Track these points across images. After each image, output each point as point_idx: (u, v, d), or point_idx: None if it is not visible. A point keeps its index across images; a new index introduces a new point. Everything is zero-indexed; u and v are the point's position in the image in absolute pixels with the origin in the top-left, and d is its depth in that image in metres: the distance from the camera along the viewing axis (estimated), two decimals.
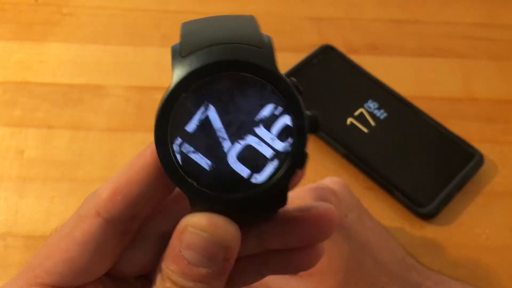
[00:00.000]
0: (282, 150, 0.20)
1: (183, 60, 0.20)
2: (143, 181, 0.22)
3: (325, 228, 0.24)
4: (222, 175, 0.20)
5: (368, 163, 0.45)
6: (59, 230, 0.22)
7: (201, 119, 0.20)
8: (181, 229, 0.21)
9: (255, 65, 0.20)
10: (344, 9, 0.56)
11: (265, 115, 0.20)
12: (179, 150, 0.20)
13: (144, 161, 0.22)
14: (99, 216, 0.22)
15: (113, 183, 0.22)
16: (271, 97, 0.20)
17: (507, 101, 0.50)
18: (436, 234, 0.42)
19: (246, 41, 0.20)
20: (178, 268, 0.21)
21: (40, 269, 0.21)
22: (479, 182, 0.45)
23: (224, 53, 0.20)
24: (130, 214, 0.22)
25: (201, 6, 0.55)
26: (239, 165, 0.20)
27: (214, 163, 0.20)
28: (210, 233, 0.20)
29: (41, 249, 0.22)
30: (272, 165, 0.20)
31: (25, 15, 0.54)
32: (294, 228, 0.23)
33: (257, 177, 0.20)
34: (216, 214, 0.20)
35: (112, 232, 0.22)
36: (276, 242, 0.24)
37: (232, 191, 0.20)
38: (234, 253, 0.21)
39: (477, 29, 0.55)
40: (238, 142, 0.20)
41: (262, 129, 0.20)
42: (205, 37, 0.20)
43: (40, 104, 0.48)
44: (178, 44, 0.21)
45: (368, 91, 0.49)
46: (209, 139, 0.20)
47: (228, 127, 0.20)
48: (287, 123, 0.20)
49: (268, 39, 0.21)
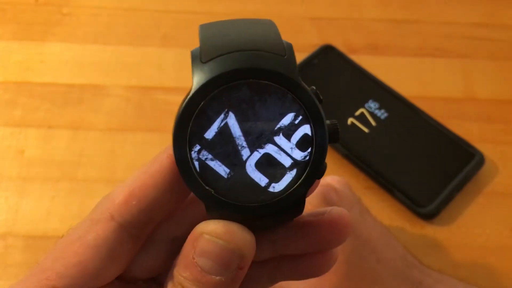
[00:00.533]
0: (301, 160, 0.20)
1: (204, 66, 0.20)
2: (159, 186, 0.22)
3: (340, 233, 0.23)
4: (240, 183, 0.20)
5: (368, 163, 0.45)
6: (71, 233, 0.22)
7: (221, 126, 0.20)
8: (195, 236, 0.20)
9: (277, 73, 0.20)
10: (344, 9, 0.56)
11: (285, 124, 0.20)
12: (197, 157, 0.20)
13: (160, 165, 0.22)
14: (113, 220, 0.22)
15: (128, 187, 0.22)
16: (292, 106, 0.20)
17: (508, 101, 0.50)
18: (436, 234, 0.42)
19: (268, 48, 0.20)
20: (190, 275, 0.20)
21: (51, 272, 0.21)
22: (480, 182, 0.45)
23: (245, 60, 0.20)
24: (144, 219, 0.22)
25: (201, 6, 0.55)
26: (257, 174, 0.20)
27: (232, 171, 0.20)
28: (226, 240, 0.20)
29: (51, 251, 0.22)
30: (291, 174, 0.20)
31: (25, 15, 0.54)
32: (308, 233, 0.23)
33: (275, 186, 0.20)
34: (233, 222, 0.20)
35: (125, 236, 0.22)
36: (289, 248, 0.24)
37: (250, 200, 0.20)
38: (249, 261, 0.21)
39: (477, 29, 0.54)
40: (257, 151, 0.20)
41: (282, 138, 0.20)
42: (226, 42, 0.20)
43: (40, 104, 0.48)
44: (198, 48, 0.20)
45: (368, 91, 0.49)
46: (228, 147, 0.20)
47: (248, 135, 0.20)
48: (307, 132, 0.20)
49: (289, 46, 0.21)
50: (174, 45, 0.52)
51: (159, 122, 0.47)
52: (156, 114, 0.47)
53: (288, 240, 0.23)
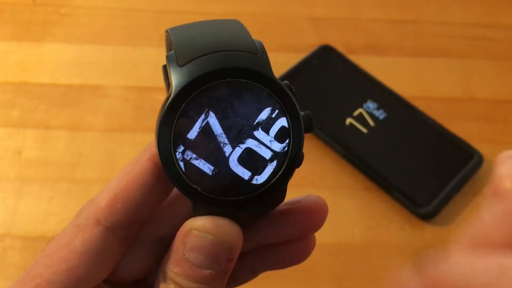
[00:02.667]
0: (280, 151, 0.21)
1: (181, 69, 0.20)
2: (142, 187, 0.22)
3: (316, 218, 0.24)
4: (224, 179, 0.21)
5: (367, 164, 0.45)
6: (57, 240, 0.23)
7: (202, 126, 0.21)
8: (184, 232, 0.21)
9: (252, 71, 0.21)
10: (343, 9, 0.56)
11: (262, 119, 0.21)
12: (181, 158, 0.21)
13: (142, 167, 0.22)
14: (99, 224, 0.22)
15: (111, 190, 0.23)
16: (268, 101, 0.21)
17: (507, 101, 0.50)
18: (435, 234, 0.42)
19: (241, 48, 0.21)
20: (181, 270, 0.21)
21: (41, 279, 0.22)
22: (479, 182, 0.45)
23: (221, 61, 0.20)
24: (130, 220, 0.22)
25: (199, 6, 0.55)
26: (240, 168, 0.21)
27: (216, 167, 0.21)
28: (214, 235, 0.21)
29: (39, 258, 0.22)
30: (272, 166, 0.21)
31: (23, 15, 0.54)
32: (286, 221, 0.24)
33: (257, 179, 0.21)
34: (220, 217, 0.21)
35: (111, 239, 0.22)
36: (268, 237, 0.24)
37: (235, 194, 0.21)
38: (237, 253, 0.21)
39: (476, 29, 0.54)
40: (238, 146, 0.21)
41: (261, 132, 0.21)
42: (201, 45, 0.21)
43: (38, 105, 0.48)
44: (173, 52, 0.21)
45: (367, 91, 0.49)
46: (211, 145, 0.21)
47: (228, 132, 0.21)
48: (283, 125, 0.21)
49: (260, 45, 0.21)
50: None
51: None
52: (154, 114, 0.47)
53: (267, 229, 0.24)
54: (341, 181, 0.45)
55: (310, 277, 0.41)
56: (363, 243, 0.42)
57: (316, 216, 0.24)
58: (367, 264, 0.41)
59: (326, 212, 0.24)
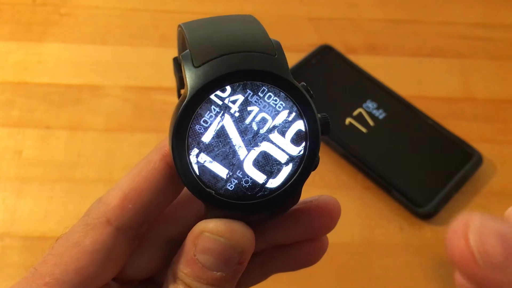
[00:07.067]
0: (296, 155, 0.21)
1: (197, 71, 0.20)
2: (153, 188, 0.22)
3: (329, 219, 0.24)
4: (239, 182, 0.21)
5: (366, 163, 0.45)
6: (67, 239, 0.22)
7: (217, 129, 0.20)
8: (196, 234, 0.21)
9: (269, 73, 0.20)
10: (342, 9, 0.56)
11: (279, 121, 0.21)
12: (196, 161, 0.20)
13: (153, 167, 0.22)
14: (109, 224, 0.22)
15: (122, 190, 0.22)
16: (285, 104, 0.21)
17: (506, 101, 0.50)
18: (434, 234, 0.42)
19: (258, 49, 0.21)
20: (192, 271, 0.21)
21: (51, 277, 0.22)
22: (478, 182, 0.45)
23: (238, 63, 0.20)
24: (140, 220, 0.22)
25: (199, 6, 0.55)
26: (255, 172, 0.21)
27: (230, 171, 0.21)
28: (227, 238, 0.20)
29: (48, 256, 0.22)
30: (287, 169, 0.21)
31: (23, 15, 0.54)
32: (298, 221, 0.24)
33: (272, 182, 0.21)
34: (233, 220, 0.21)
35: (121, 239, 0.22)
36: (280, 237, 0.24)
37: (249, 197, 0.21)
38: (248, 256, 0.21)
39: (476, 29, 0.55)
40: (253, 149, 0.21)
41: (277, 135, 0.21)
42: (216, 45, 0.21)
43: (38, 105, 0.48)
44: (188, 52, 0.21)
45: (366, 91, 0.49)
46: (225, 148, 0.20)
47: (244, 135, 0.21)
48: (300, 128, 0.21)
49: (278, 45, 0.21)
50: (172, 45, 0.51)
51: (157, 122, 0.47)
52: (154, 114, 0.47)
53: (279, 228, 0.24)
54: (341, 181, 0.45)
55: (309, 276, 0.41)
56: (362, 243, 0.42)
57: (329, 217, 0.24)
58: (366, 263, 0.41)
59: (339, 212, 0.24)
